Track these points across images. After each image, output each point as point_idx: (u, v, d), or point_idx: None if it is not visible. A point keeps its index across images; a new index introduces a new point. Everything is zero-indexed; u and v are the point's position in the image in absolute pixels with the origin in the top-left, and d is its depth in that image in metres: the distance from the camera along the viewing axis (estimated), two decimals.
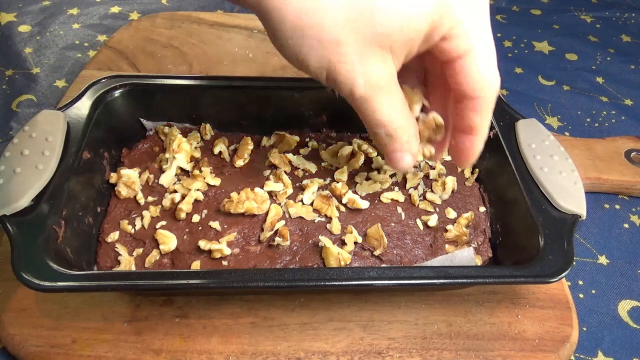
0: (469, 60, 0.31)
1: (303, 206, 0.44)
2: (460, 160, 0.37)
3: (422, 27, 0.29)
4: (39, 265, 0.34)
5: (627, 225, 0.52)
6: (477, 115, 0.33)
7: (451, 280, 0.35)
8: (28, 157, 0.39)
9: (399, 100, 0.33)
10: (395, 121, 0.33)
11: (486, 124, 0.34)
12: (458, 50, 0.31)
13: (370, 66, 0.30)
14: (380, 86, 0.31)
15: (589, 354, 0.42)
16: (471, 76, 0.32)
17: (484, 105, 0.33)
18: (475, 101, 0.33)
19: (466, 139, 0.35)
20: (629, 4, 0.85)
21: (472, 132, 0.34)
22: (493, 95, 0.33)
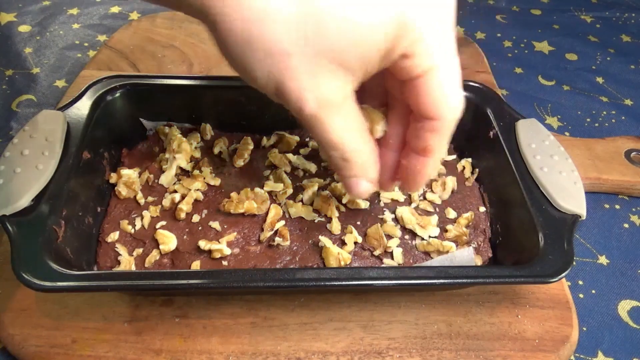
0: (430, 79, 0.29)
1: (303, 206, 0.44)
2: (408, 182, 0.34)
3: (379, 43, 0.27)
4: (39, 265, 0.34)
5: (627, 225, 0.52)
6: (435, 136, 0.31)
7: (451, 280, 0.35)
8: (28, 157, 0.39)
9: (354, 121, 0.31)
10: (349, 144, 0.31)
11: (442, 147, 0.32)
12: (419, 68, 0.28)
13: (322, 82, 0.28)
14: (332, 104, 0.29)
15: (589, 354, 0.42)
16: (432, 96, 0.29)
17: (443, 127, 0.31)
18: (434, 122, 0.30)
19: (418, 161, 0.33)
20: (629, 4, 0.85)
21: (426, 154, 0.32)
22: (454, 117, 0.31)
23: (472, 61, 0.67)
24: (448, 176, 0.48)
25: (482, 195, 0.47)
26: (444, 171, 0.48)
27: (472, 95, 0.49)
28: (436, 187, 0.47)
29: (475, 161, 0.49)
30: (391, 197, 0.46)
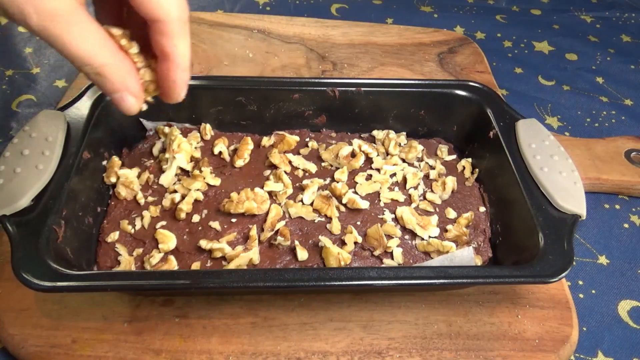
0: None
1: (303, 206, 0.44)
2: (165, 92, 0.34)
3: None
4: (39, 265, 0.34)
5: (627, 225, 0.52)
6: (167, 39, 0.31)
7: (451, 280, 0.35)
8: (28, 157, 0.39)
9: (94, 34, 0.30)
10: (97, 57, 0.30)
11: (180, 51, 0.32)
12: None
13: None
14: (60, 16, 0.28)
15: (589, 354, 0.42)
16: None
17: (170, 28, 0.31)
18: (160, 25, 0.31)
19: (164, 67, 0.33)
20: (629, 4, 0.85)
21: (166, 58, 0.32)
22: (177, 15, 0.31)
23: (472, 61, 0.67)
24: (448, 176, 0.48)
25: (482, 195, 0.47)
26: (444, 171, 0.48)
27: (472, 95, 0.49)
28: (436, 187, 0.47)
29: (475, 161, 0.49)
30: (391, 197, 0.46)
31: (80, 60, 0.30)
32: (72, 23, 0.29)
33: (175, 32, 0.31)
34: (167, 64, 0.32)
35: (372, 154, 0.48)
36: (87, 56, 0.30)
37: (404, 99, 0.50)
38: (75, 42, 0.29)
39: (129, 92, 0.32)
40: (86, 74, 0.31)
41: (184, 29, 0.32)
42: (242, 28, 0.70)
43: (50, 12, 0.28)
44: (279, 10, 0.78)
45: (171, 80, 0.33)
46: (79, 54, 0.30)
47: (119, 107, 0.33)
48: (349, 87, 0.49)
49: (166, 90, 0.34)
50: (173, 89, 0.34)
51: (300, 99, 0.49)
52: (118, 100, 0.33)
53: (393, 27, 0.72)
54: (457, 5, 0.83)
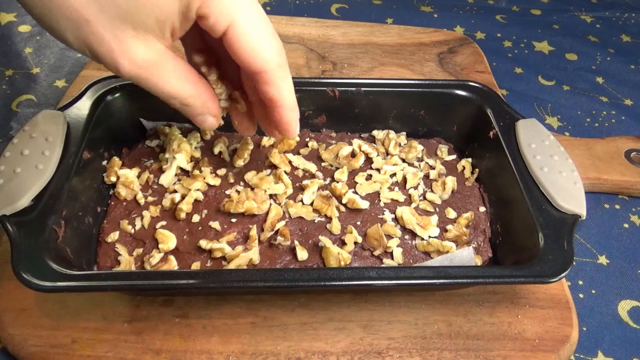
0: (235, 34, 0.31)
1: (303, 206, 0.44)
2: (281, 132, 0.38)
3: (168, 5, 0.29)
4: (39, 265, 0.34)
5: (627, 225, 0.52)
6: (271, 87, 0.33)
7: (451, 280, 0.35)
8: (28, 157, 0.39)
9: (179, 72, 0.33)
10: (183, 91, 0.33)
11: (285, 94, 0.34)
12: (218, 26, 0.30)
13: (129, 46, 0.29)
14: (150, 64, 0.31)
15: (589, 354, 0.42)
16: (244, 51, 0.31)
17: (273, 76, 0.33)
18: (261, 75, 0.32)
19: (274, 112, 0.35)
20: (629, 4, 0.85)
21: (274, 104, 0.35)
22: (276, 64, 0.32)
23: (472, 61, 0.67)
24: (448, 176, 0.48)
25: (482, 195, 0.47)
26: (444, 171, 0.48)
27: (472, 95, 0.49)
28: (436, 187, 0.47)
29: (475, 161, 0.49)
30: (391, 197, 0.46)
31: (168, 96, 0.33)
32: (160, 68, 0.31)
33: (278, 78, 0.33)
34: (277, 109, 0.35)
35: (372, 154, 0.48)
36: (174, 92, 0.33)
37: (404, 99, 0.50)
38: (163, 83, 0.32)
39: (210, 114, 0.36)
40: (172, 105, 0.35)
41: (285, 71, 0.34)
42: None
43: (142, 61, 0.30)
44: (279, 10, 0.78)
45: (285, 122, 0.36)
46: (167, 92, 0.33)
47: (201, 126, 0.37)
48: (349, 87, 0.49)
49: (283, 131, 0.37)
50: (288, 129, 0.37)
51: (300, 99, 0.49)
52: (200, 121, 0.36)
53: (393, 27, 0.72)
54: (457, 5, 0.83)
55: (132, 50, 0.30)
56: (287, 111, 0.35)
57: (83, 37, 0.29)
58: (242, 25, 0.31)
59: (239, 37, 0.31)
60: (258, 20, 0.32)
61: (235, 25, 0.30)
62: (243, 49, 0.31)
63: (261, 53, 0.32)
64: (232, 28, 0.30)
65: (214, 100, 0.36)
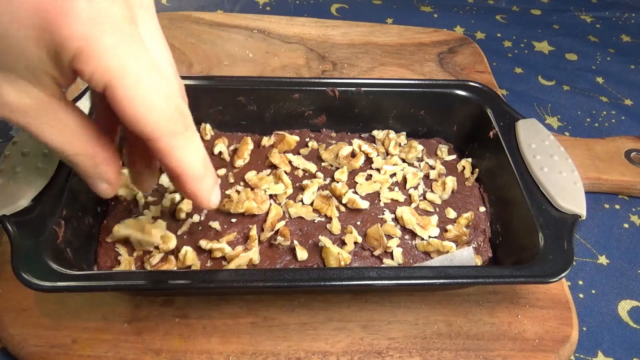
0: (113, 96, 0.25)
1: (303, 206, 0.44)
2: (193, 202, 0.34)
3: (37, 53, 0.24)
4: (39, 265, 0.34)
5: (627, 225, 0.52)
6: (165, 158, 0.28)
7: (451, 280, 0.35)
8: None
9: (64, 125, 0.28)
10: (68, 148, 0.28)
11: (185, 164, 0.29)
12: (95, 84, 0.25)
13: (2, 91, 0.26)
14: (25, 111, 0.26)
15: (589, 354, 0.42)
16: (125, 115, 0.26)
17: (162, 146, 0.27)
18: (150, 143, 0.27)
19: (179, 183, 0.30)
20: (629, 4, 0.85)
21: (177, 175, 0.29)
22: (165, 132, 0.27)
23: (472, 61, 0.67)
24: (448, 176, 0.48)
25: (482, 195, 0.47)
26: (444, 171, 0.48)
27: (472, 95, 0.49)
28: (436, 187, 0.47)
29: (475, 161, 0.49)
30: (391, 197, 0.46)
31: (53, 149, 0.29)
32: (38, 117, 0.27)
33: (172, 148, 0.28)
34: (180, 179, 0.29)
35: (372, 154, 0.48)
36: (56, 146, 0.28)
37: (404, 99, 0.50)
38: (42, 134, 0.28)
39: (103, 179, 0.31)
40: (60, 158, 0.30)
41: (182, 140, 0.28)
42: (242, 28, 0.70)
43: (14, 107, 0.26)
44: (279, 10, 0.78)
45: (192, 193, 0.31)
46: (50, 144, 0.28)
47: (93, 189, 0.32)
48: (349, 87, 0.49)
49: (194, 202, 0.32)
50: (198, 199, 0.31)
51: (300, 99, 0.49)
52: (90, 185, 0.31)
53: (393, 27, 0.72)
54: (457, 5, 0.83)
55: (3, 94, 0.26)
56: (192, 181, 0.30)
57: None
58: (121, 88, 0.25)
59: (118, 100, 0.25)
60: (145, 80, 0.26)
61: (113, 87, 0.25)
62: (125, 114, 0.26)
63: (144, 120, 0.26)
64: (110, 90, 0.25)
65: (110, 165, 0.31)
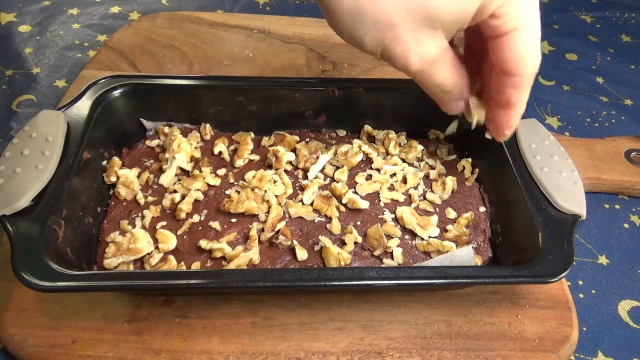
0: (514, 38, 0.32)
1: (303, 206, 0.44)
2: (497, 133, 0.39)
3: (471, 8, 0.31)
4: (39, 265, 0.34)
5: (627, 225, 0.52)
6: (517, 92, 0.35)
7: (451, 280, 0.35)
8: (28, 157, 0.39)
9: (451, 64, 0.35)
10: (449, 79, 0.36)
11: (524, 100, 0.36)
12: (504, 28, 0.32)
13: (423, 45, 0.33)
14: (434, 59, 0.34)
15: (589, 354, 0.42)
16: (514, 54, 0.33)
17: (523, 82, 0.34)
18: (515, 78, 0.34)
19: (504, 114, 0.37)
20: (629, 4, 0.85)
21: (510, 107, 0.36)
22: (533, 72, 0.34)
23: None
24: (448, 176, 0.48)
25: (482, 195, 0.47)
26: (444, 171, 0.48)
27: None
28: (436, 187, 0.47)
29: (475, 161, 0.49)
30: (391, 197, 0.46)
31: (437, 85, 0.36)
32: (439, 61, 0.35)
33: (525, 85, 0.35)
34: (509, 112, 0.37)
35: (372, 154, 0.48)
36: (442, 81, 0.36)
37: (404, 99, 0.50)
38: (438, 75, 0.35)
39: (462, 99, 0.39)
40: (431, 91, 0.38)
41: (532, 81, 0.35)
42: (242, 28, 0.70)
43: (429, 57, 0.34)
44: (279, 10, 0.78)
45: (509, 125, 0.38)
46: (438, 81, 0.36)
47: (449, 110, 0.40)
48: (349, 87, 0.49)
49: (499, 131, 0.39)
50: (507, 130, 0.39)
51: (300, 99, 0.49)
52: (452, 106, 0.39)
53: None
54: None
55: (425, 49, 0.33)
56: (516, 116, 0.37)
57: (382, 38, 0.32)
58: (525, 31, 0.32)
59: (516, 41, 0.33)
60: (538, 28, 0.33)
61: (519, 30, 0.32)
62: (514, 53, 0.33)
63: (530, 60, 0.34)
64: (515, 32, 0.32)
65: (468, 86, 0.38)
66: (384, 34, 0.32)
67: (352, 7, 0.31)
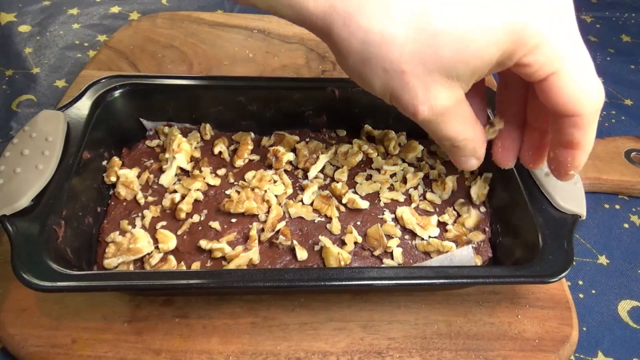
0: (557, 81, 0.29)
1: (303, 206, 0.44)
2: (559, 173, 0.35)
3: (492, 57, 0.28)
4: (39, 265, 0.34)
5: (627, 225, 0.52)
6: (579, 131, 0.31)
7: (451, 280, 0.35)
8: (28, 157, 0.39)
9: (464, 117, 0.33)
10: (460, 134, 0.33)
11: (590, 139, 0.32)
12: (539, 74, 0.29)
13: (435, 94, 0.30)
14: (446, 110, 0.31)
15: (589, 354, 0.42)
16: (563, 97, 0.30)
17: (585, 121, 0.31)
18: (575, 118, 0.31)
19: (567, 154, 0.33)
20: (629, 4, 0.85)
21: (575, 147, 0.33)
22: (594, 108, 0.30)
23: None
24: (448, 176, 0.47)
25: None
26: (444, 171, 0.48)
27: None
28: (436, 187, 0.47)
29: None
30: (391, 197, 0.46)
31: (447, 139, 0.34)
32: (452, 113, 0.32)
33: (590, 123, 0.31)
34: (574, 152, 0.33)
35: (372, 154, 0.48)
36: (453, 135, 0.33)
37: None
38: (448, 127, 0.33)
39: (475, 157, 0.36)
40: (442, 144, 0.35)
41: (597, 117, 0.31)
42: (242, 28, 0.70)
43: (440, 108, 0.31)
44: None
45: (576, 165, 0.34)
46: (447, 134, 0.33)
47: (460, 165, 0.37)
48: (349, 87, 0.49)
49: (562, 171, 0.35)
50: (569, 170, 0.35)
51: (300, 99, 0.49)
52: (463, 162, 0.36)
53: None
54: None
55: (436, 98, 0.30)
56: (582, 155, 0.33)
57: (391, 84, 0.30)
58: (568, 73, 0.29)
59: (561, 84, 0.29)
60: (585, 60, 0.30)
61: (561, 73, 0.29)
62: (563, 96, 0.30)
63: (582, 99, 0.30)
64: (556, 76, 0.29)
65: (483, 144, 0.36)
66: (393, 80, 0.30)
67: (362, 54, 0.29)
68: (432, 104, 0.30)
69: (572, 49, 0.29)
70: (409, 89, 0.30)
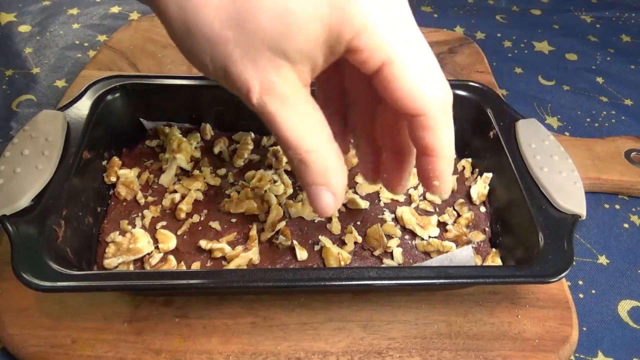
0: (393, 70, 0.26)
1: (303, 206, 0.44)
2: (425, 185, 0.32)
3: (316, 33, 0.25)
4: (39, 265, 0.34)
5: (627, 225, 0.52)
6: (428, 133, 0.28)
7: (451, 280, 0.35)
8: (28, 157, 0.39)
9: (311, 119, 0.28)
10: (305, 142, 0.28)
11: (444, 143, 0.29)
12: (373, 61, 0.26)
13: (265, 70, 0.26)
14: (280, 95, 0.27)
15: (589, 354, 0.42)
16: (401, 88, 0.27)
17: (431, 122, 0.28)
18: (420, 119, 0.28)
19: (426, 162, 0.30)
20: (629, 4, 0.85)
21: (430, 154, 0.30)
22: (440, 107, 0.28)
23: (472, 61, 0.67)
24: None
25: None
26: None
27: (472, 95, 0.49)
28: None
29: (475, 161, 0.49)
30: (391, 197, 0.46)
31: (287, 143, 0.28)
32: (292, 106, 0.27)
33: (438, 123, 0.28)
34: (430, 158, 0.30)
35: None
36: (293, 139, 0.28)
37: None
38: (290, 125, 0.27)
39: (328, 189, 0.29)
40: (289, 159, 0.29)
41: (447, 117, 0.29)
42: None
43: (274, 89, 0.27)
44: None
45: (436, 174, 0.31)
46: (289, 136, 0.28)
47: (311, 201, 0.30)
48: None
49: (428, 184, 0.31)
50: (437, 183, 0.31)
51: None
52: (313, 195, 0.29)
53: None
54: (457, 5, 0.83)
55: (267, 77, 0.26)
56: (442, 163, 0.30)
57: (218, 56, 0.26)
58: (403, 64, 0.26)
59: (396, 75, 0.26)
60: (422, 56, 0.27)
61: (396, 63, 0.26)
62: (401, 89, 0.27)
63: (423, 94, 0.27)
64: (390, 65, 0.26)
65: (341, 174, 0.30)
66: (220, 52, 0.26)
67: (182, 21, 0.25)
68: (262, 82, 0.26)
69: (407, 40, 0.27)
70: (236, 61, 0.26)
